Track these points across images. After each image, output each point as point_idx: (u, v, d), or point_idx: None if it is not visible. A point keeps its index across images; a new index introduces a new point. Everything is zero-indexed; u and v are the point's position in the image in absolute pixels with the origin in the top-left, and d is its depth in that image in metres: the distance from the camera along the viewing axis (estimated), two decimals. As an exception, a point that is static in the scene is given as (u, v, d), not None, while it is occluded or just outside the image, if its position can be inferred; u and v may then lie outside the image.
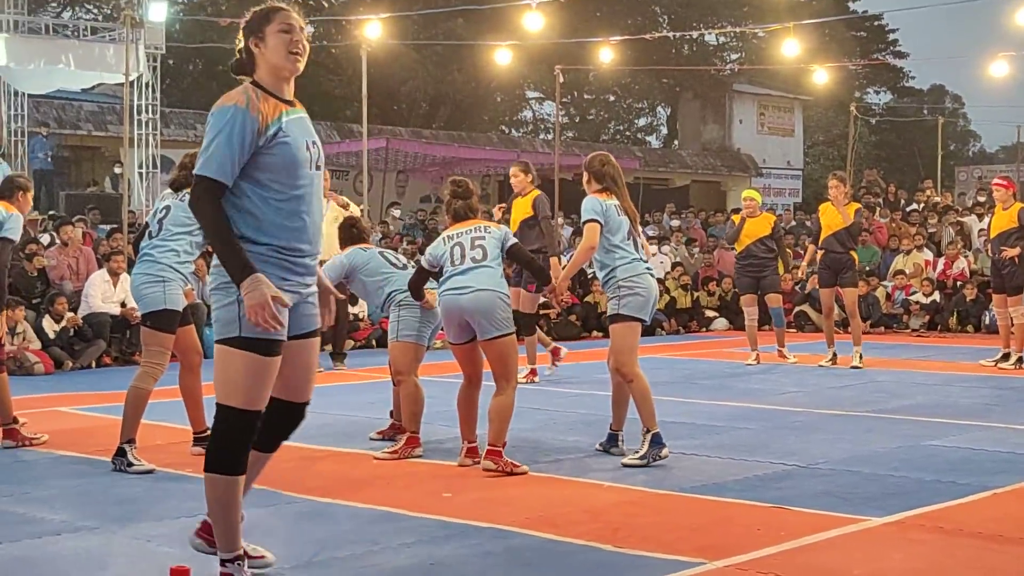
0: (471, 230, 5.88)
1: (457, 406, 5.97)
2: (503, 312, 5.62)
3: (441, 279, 5.80)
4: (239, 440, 3.31)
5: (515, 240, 6.17)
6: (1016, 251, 9.51)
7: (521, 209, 9.00)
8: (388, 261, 6.60)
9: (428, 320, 6.28)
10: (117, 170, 16.92)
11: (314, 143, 3.48)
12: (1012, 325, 10.36)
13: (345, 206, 9.87)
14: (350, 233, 6.91)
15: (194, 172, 3.37)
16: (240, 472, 3.34)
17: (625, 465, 5.76)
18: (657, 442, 5.72)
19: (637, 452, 5.75)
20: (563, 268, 7.50)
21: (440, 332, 6.46)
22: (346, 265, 6.46)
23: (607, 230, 5.78)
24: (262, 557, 3.65)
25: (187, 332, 6.13)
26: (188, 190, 4.53)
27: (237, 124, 3.20)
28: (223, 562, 3.35)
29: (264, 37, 3.46)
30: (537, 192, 9.32)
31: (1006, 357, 10.33)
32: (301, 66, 3.42)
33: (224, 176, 3.13)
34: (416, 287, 5.98)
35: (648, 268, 5.97)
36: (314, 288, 3.60)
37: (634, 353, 5.87)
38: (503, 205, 10.06)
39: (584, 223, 5.98)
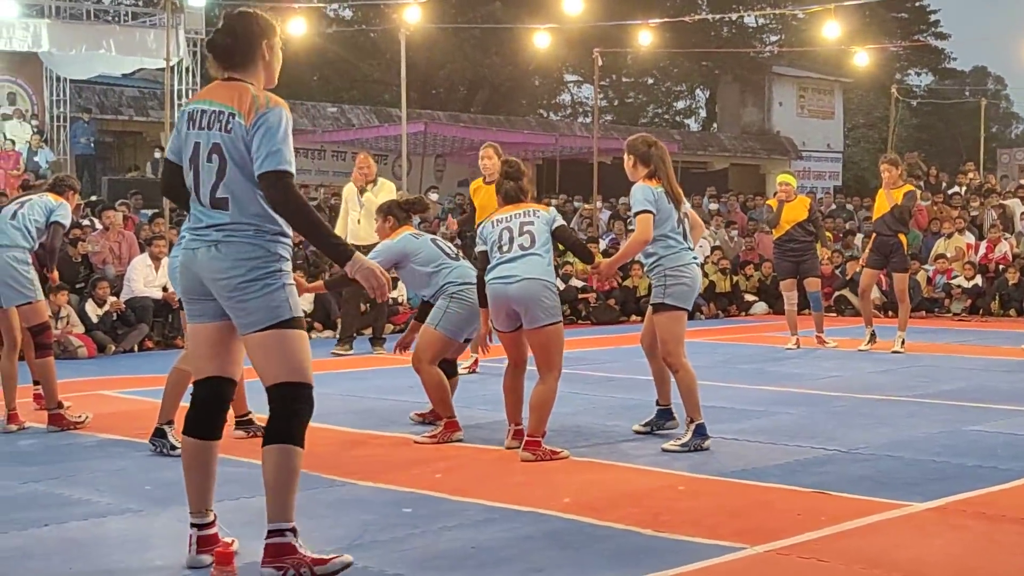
0: (520, 214, 5.81)
1: (503, 390, 5.96)
2: (550, 300, 5.58)
3: (489, 266, 5.76)
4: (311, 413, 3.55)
5: (562, 222, 6.03)
6: None
7: (490, 196, 7.66)
8: (442, 250, 6.45)
9: (472, 320, 6.25)
10: (158, 155, 16.86)
11: None
12: None
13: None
14: (401, 213, 6.77)
15: (276, 168, 3.47)
16: None
17: (665, 450, 5.77)
18: (700, 433, 5.72)
19: (679, 439, 5.78)
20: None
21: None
22: (398, 251, 6.31)
23: (657, 220, 5.70)
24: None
25: None
26: None
27: (289, 125, 3.45)
28: (284, 531, 3.53)
29: (273, 47, 3.63)
30: None
31: None
32: None
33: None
34: (481, 279, 5.91)
35: (695, 258, 5.94)
36: None
37: (681, 343, 5.84)
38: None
39: (636, 214, 5.87)
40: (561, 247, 6.41)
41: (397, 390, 8.27)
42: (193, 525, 3.80)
